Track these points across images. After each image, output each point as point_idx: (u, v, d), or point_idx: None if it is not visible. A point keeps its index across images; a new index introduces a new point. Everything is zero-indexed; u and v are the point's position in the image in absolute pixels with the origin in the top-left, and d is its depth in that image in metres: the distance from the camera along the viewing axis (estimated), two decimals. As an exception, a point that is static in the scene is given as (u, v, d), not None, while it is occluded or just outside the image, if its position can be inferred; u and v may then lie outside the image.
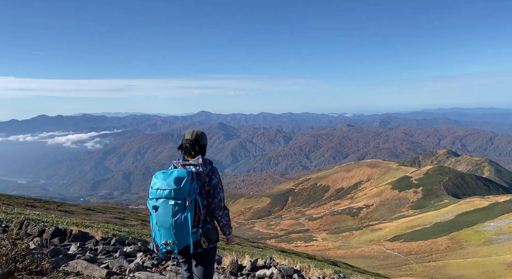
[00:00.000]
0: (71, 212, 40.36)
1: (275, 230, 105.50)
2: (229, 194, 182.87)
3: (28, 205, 37.31)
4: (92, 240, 5.00)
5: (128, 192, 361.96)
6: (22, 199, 44.45)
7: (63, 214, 32.43)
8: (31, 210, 24.74)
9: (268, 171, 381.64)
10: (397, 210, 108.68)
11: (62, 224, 14.08)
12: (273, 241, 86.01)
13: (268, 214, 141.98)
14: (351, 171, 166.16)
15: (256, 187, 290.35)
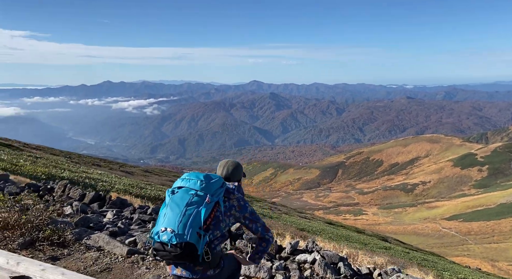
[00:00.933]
0: (131, 173, 43.38)
1: (324, 202, 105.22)
2: (278, 164, 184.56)
3: (94, 164, 40.70)
4: (130, 208, 4.95)
5: (183, 157, 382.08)
6: (90, 158, 48.69)
7: (124, 174, 34.90)
8: (95, 169, 26.83)
9: (318, 143, 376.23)
10: (458, 188, 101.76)
11: (119, 185, 14.84)
12: (321, 212, 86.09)
13: (317, 186, 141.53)
14: (408, 146, 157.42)
15: (305, 159, 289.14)
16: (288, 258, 4.05)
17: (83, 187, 9.44)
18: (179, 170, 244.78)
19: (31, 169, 10.34)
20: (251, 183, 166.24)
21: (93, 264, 2.96)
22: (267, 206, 42.37)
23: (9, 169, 9.32)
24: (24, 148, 26.67)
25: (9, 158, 12.19)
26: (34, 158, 17.75)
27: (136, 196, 9.50)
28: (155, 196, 13.45)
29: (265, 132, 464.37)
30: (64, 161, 22.48)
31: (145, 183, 20.76)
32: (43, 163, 13.18)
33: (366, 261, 4.51)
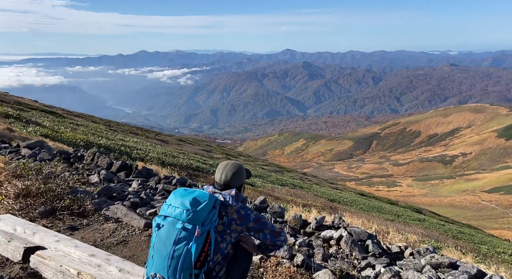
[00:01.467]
0: (166, 141, 44.78)
1: (356, 173, 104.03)
2: (310, 135, 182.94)
3: (131, 132, 42.34)
4: (155, 178, 5.00)
5: (216, 127, 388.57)
6: (127, 127, 50.70)
7: (159, 143, 36.10)
8: (132, 137, 27.86)
9: (352, 114, 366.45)
10: (501, 160, 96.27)
11: (152, 153, 15.28)
12: (353, 183, 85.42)
13: (350, 157, 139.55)
14: (449, 116, 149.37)
15: (338, 129, 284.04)
16: (313, 234, 3.89)
17: (118, 154, 9.74)
18: (212, 140, 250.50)
19: (70, 136, 10.80)
20: (282, 153, 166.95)
21: (110, 236, 2.93)
22: (298, 176, 42.50)
23: (50, 135, 9.78)
24: (67, 116, 28.02)
25: (51, 125, 12.81)
26: (75, 125, 18.62)
27: (166, 165, 9.70)
28: (186, 165, 13.77)
29: (297, 103, 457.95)
30: (103, 129, 23.44)
31: (178, 151, 21.27)
32: (82, 131, 13.78)
33: (398, 238, 4.27)
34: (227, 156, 44.93)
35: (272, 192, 15.10)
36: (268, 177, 27.00)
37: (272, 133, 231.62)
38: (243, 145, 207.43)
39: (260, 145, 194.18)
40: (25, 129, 9.71)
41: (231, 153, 54.15)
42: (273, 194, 14.63)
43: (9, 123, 9.99)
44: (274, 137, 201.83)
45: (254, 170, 30.07)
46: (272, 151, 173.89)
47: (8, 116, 11.45)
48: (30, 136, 8.50)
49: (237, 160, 45.28)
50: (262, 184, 16.28)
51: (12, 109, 18.12)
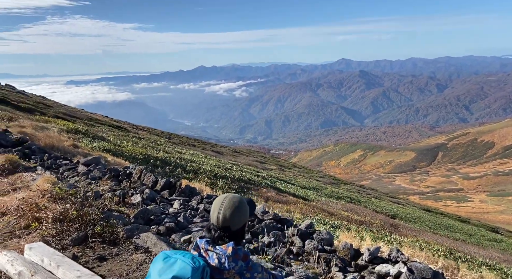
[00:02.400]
0: (221, 153, 45.83)
1: (420, 186, 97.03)
2: (368, 145, 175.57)
3: (189, 144, 44.07)
4: (197, 197, 4.87)
5: (270, 138, 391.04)
6: (186, 139, 52.99)
7: (214, 154, 37.00)
8: (189, 149, 28.88)
9: (414, 123, 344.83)
10: None
11: (206, 165, 15.51)
12: (416, 197, 79.69)
13: (412, 169, 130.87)
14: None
15: (399, 140, 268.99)
16: (366, 268, 3.39)
17: (174, 167, 10.04)
18: (266, 151, 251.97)
19: (131, 150, 11.41)
20: (338, 165, 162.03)
21: (136, 269, 2.68)
22: (355, 189, 40.59)
23: (112, 150, 10.39)
24: (132, 129, 29.99)
25: (114, 140, 13.62)
26: (137, 138, 19.79)
27: (219, 178, 9.75)
28: (238, 177, 13.73)
29: (353, 112, 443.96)
30: (162, 141, 24.61)
31: (232, 163, 21.45)
32: (143, 144, 14.52)
33: (471, 277, 3.59)
34: (281, 167, 44.58)
35: (327, 207, 14.42)
36: (323, 189, 26.07)
37: (327, 144, 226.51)
38: (297, 156, 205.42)
39: (315, 156, 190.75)
40: (90, 144, 10.38)
41: (285, 164, 53.67)
42: (327, 209, 13.96)
43: (77, 139, 10.79)
44: (329, 147, 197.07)
45: (309, 182, 29.32)
46: (328, 162, 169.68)
47: (78, 132, 12.38)
48: (93, 151, 9.02)
49: (291, 171, 44.74)
50: (316, 197, 15.68)
51: (84, 124, 19.82)
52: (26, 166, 5.20)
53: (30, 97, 32.46)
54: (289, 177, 29.30)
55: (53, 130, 10.41)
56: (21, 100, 22.48)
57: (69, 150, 7.66)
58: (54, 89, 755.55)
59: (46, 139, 7.68)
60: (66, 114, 22.73)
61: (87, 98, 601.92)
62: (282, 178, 21.68)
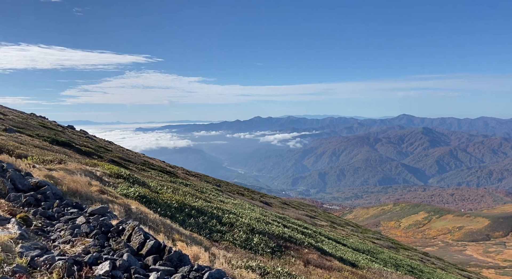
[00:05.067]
0: (270, 204, 44.80)
1: (496, 259, 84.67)
2: (433, 207, 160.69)
3: (238, 193, 43.93)
4: (185, 268, 4.07)
5: (323, 191, 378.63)
6: (236, 187, 53.11)
7: (262, 205, 36.22)
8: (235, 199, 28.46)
9: (487, 187, 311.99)
10: None
11: (245, 218, 13.57)
12: (491, 271, 69.70)
13: (486, 239, 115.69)
14: None
15: (469, 204, 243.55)
16: None
17: (209, 218, 9.19)
18: (319, 205, 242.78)
19: (168, 197, 10.76)
20: (398, 226, 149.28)
21: None
22: (417, 256, 36.28)
23: (147, 196, 9.52)
24: (183, 175, 30.78)
25: (155, 185, 13.01)
26: (184, 185, 19.83)
27: (256, 233, 8.88)
28: (278, 234, 11.72)
29: (415, 171, 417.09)
30: (209, 188, 24.66)
31: (279, 216, 20.55)
32: (185, 191, 14.03)
33: None
34: (332, 224, 41.95)
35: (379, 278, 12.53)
36: (379, 253, 23.55)
37: (386, 202, 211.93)
38: (353, 212, 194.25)
39: (372, 214, 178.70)
40: (126, 190, 9.60)
41: (337, 221, 50.61)
42: (379, 282, 12.13)
43: (115, 184, 10.11)
44: (388, 206, 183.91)
45: (363, 244, 26.82)
46: (386, 222, 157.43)
47: (119, 176, 11.90)
48: (125, 198, 8.33)
49: (344, 229, 41.79)
50: (368, 263, 13.92)
51: (136, 169, 20.48)
52: (2, 217, 4.64)
53: (97, 141, 35.12)
54: (341, 236, 27.25)
55: (95, 174, 10.14)
56: (84, 144, 24.28)
57: (92, 197, 7.24)
58: (124, 135, 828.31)
59: (70, 184, 7.32)
60: (122, 158, 23.98)
61: (151, 144, 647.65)
62: (333, 237, 20.08)
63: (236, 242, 7.26)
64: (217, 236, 6.95)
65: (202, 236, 6.57)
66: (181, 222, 7.05)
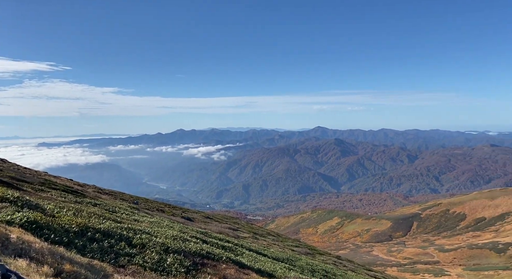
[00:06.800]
0: (192, 219, 43.73)
1: (397, 257, 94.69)
2: (345, 213, 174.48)
3: (158, 210, 41.97)
4: None
5: (247, 202, 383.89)
6: (156, 204, 50.64)
7: (183, 221, 35.15)
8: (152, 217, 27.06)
9: (388, 192, 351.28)
10: None
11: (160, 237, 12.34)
12: (394, 269, 77.24)
13: (389, 239, 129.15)
14: (496, 199, 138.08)
15: (374, 208, 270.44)
16: None
17: (116, 241, 8.16)
18: (243, 216, 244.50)
19: (66, 221, 9.25)
20: (316, 232, 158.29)
21: None
22: (331, 260, 38.84)
23: (39, 222, 7.99)
24: (92, 194, 28.28)
25: (51, 208, 11.12)
26: (92, 205, 18.05)
27: (170, 252, 8.46)
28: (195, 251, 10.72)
29: (330, 179, 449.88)
30: (123, 207, 23.12)
31: (200, 231, 20.22)
32: (91, 212, 12.52)
33: None
34: (255, 235, 42.72)
35: (295, 286, 13.14)
36: (297, 261, 24.71)
37: (305, 210, 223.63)
38: (275, 222, 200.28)
39: (293, 222, 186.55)
40: (11, 215, 7.96)
41: (259, 232, 51.66)
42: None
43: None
44: (306, 214, 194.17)
45: (282, 253, 27.88)
46: (305, 229, 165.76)
47: (4, 200, 9.83)
48: (6, 225, 7.00)
49: (265, 239, 42.86)
50: (285, 272, 14.53)
51: (32, 189, 18.00)
52: None
53: (-17, 161, 30.23)
54: (262, 246, 27.90)
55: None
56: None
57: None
58: (24, 151, 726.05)
59: None
60: (14, 178, 21.21)
61: (58, 160, 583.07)
62: (254, 248, 20.50)
63: (147, 265, 6.90)
64: (124, 260, 6.48)
65: (106, 262, 6.04)
66: (81, 248, 6.29)
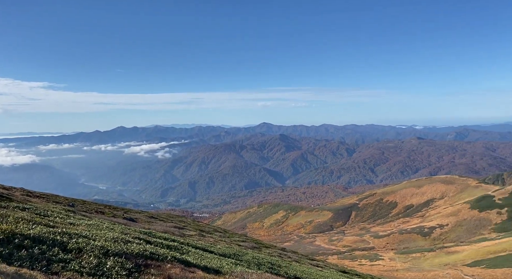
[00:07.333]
0: (135, 220, 42.12)
1: (338, 246, 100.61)
2: (290, 206, 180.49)
3: (97, 211, 39.71)
4: None
5: (193, 200, 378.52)
6: (94, 205, 47.77)
7: (125, 222, 33.78)
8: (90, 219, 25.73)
9: (330, 184, 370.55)
10: (477, 232, 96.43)
11: (98, 241, 12.38)
12: (335, 257, 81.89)
13: (330, 229, 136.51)
14: (422, 187, 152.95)
15: (317, 200, 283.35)
16: None
17: (48, 247, 7.43)
18: (189, 214, 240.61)
19: None
20: (262, 226, 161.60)
21: None
22: (277, 253, 40.16)
23: None
24: (23, 197, 26.04)
25: None
26: (20, 209, 16.57)
27: (111, 255, 8.13)
28: (138, 253, 10.26)
29: (275, 174, 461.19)
30: (57, 211, 21.64)
31: (144, 232, 19.67)
32: (18, 217, 11.35)
33: None
34: (201, 232, 42.50)
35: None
36: (244, 255, 25.16)
37: (252, 205, 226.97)
38: (222, 218, 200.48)
39: (239, 217, 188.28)
40: None
41: (206, 229, 51.42)
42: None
43: None
44: (253, 209, 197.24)
45: (229, 248, 28.18)
46: (252, 224, 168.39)
47: None
48: None
49: (212, 236, 42.88)
50: (232, 267, 14.80)
51: None
52: None
53: None
54: (209, 243, 27.92)
55: None
56: None
57: None
58: None
59: None
60: None
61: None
62: (200, 246, 20.47)
63: (84, 270, 6.55)
64: (58, 266, 6.07)
65: (36, 270, 5.61)
66: (7, 256, 5.75)
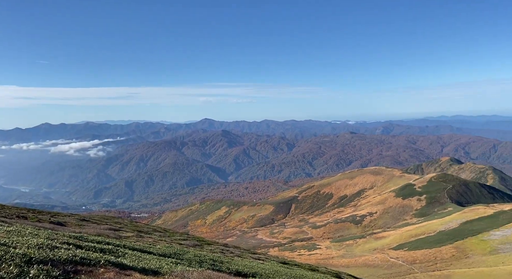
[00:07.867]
0: (64, 223, 39.39)
1: (279, 238, 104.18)
2: (232, 202, 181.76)
3: (19, 216, 36.39)
4: None
5: (131, 200, 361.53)
6: (15, 210, 43.55)
7: (52, 227, 31.53)
8: (11, 225, 23.72)
9: (271, 179, 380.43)
10: (401, 218, 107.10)
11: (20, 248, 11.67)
12: (276, 249, 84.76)
13: (272, 222, 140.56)
14: (354, 178, 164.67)
15: (259, 195, 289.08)
16: None
17: None
18: (126, 215, 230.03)
19: None
20: (204, 223, 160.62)
21: None
22: (219, 249, 40.61)
23: None
24: None
25: None
26: None
27: (34, 263, 7.56)
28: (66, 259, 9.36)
29: (218, 170, 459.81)
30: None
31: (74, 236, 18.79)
32: None
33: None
34: (139, 233, 41.21)
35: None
36: (185, 254, 25.13)
37: (193, 202, 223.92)
38: (162, 217, 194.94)
39: (181, 216, 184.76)
40: None
41: (144, 229, 49.87)
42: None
43: None
44: (195, 206, 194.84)
45: (170, 248, 27.91)
46: (194, 221, 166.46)
47: None
48: None
49: (151, 236, 41.87)
50: (172, 267, 14.94)
51: None
52: None
53: None
54: (148, 244, 27.36)
55: None
56: None
57: None
58: None
59: None
60: None
61: None
62: (138, 247, 20.09)
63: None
64: None
65: None
66: None
